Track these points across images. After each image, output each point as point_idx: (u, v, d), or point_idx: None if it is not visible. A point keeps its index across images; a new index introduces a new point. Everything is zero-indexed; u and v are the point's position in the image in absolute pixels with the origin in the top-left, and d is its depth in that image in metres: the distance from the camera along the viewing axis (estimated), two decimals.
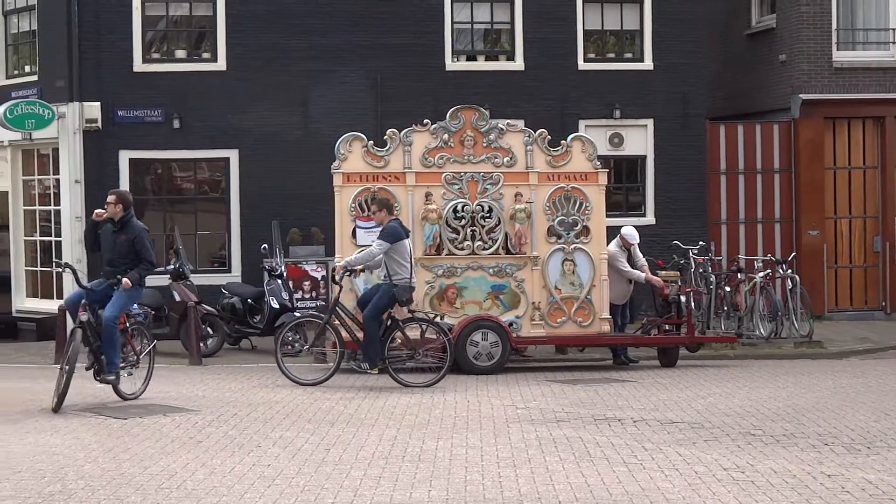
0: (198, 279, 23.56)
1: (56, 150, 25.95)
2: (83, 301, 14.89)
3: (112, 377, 14.98)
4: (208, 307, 22.17)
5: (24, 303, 26.91)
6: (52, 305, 24.44)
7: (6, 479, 10.75)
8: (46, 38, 26.23)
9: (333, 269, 18.50)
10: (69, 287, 21.91)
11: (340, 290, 17.93)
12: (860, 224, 28.17)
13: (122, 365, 15.20)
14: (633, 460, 11.70)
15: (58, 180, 25.80)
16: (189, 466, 11.30)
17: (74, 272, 15.86)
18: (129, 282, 14.86)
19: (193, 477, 10.86)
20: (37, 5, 26.42)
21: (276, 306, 22.02)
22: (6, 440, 12.78)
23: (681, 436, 13.12)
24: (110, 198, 15.37)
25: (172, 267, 22.64)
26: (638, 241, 21.00)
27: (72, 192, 25.30)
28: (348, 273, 17.85)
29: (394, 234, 17.51)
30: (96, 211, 15.59)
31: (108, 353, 14.89)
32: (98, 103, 25.34)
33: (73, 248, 24.76)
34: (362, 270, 18.04)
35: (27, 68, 26.92)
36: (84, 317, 14.79)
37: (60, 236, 25.72)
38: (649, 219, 26.83)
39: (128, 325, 15.44)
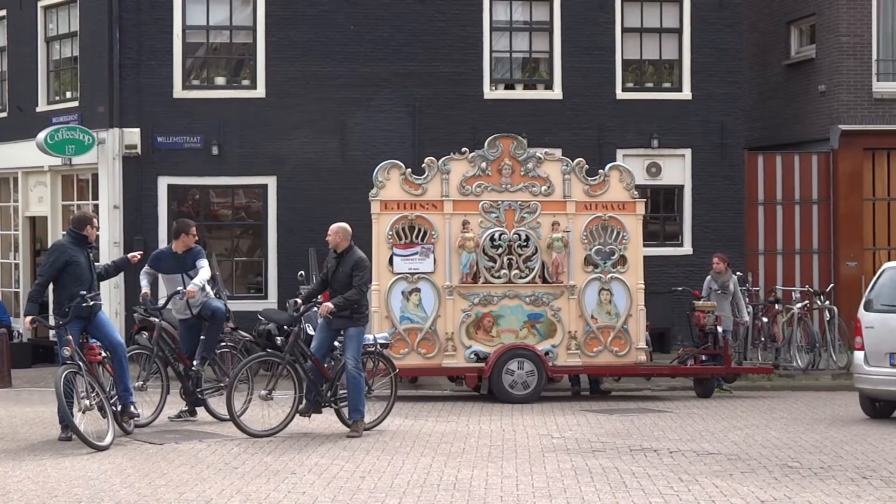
0: (234, 305, 23.55)
1: (95, 176, 26.14)
2: (67, 336, 14.28)
3: (137, 411, 14.73)
4: (244, 333, 22.20)
5: None
6: None
7: None
8: (88, 65, 26.45)
9: None
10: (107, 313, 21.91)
11: None
12: None
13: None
14: (670, 491, 11.65)
15: (97, 206, 25.94)
16: (225, 493, 11.32)
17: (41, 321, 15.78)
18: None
19: (229, 503, 10.87)
20: (79, 32, 26.67)
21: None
22: (43, 465, 12.84)
23: (717, 467, 13.06)
24: (94, 221, 15.02)
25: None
26: None
27: (110, 217, 25.45)
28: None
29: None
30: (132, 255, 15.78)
31: (124, 383, 14.54)
32: (138, 129, 25.54)
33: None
34: None
35: (68, 94, 27.17)
36: (67, 353, 14.20)
37: (98, 261, 25.75)
38: (686, 249, 26.77)
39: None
